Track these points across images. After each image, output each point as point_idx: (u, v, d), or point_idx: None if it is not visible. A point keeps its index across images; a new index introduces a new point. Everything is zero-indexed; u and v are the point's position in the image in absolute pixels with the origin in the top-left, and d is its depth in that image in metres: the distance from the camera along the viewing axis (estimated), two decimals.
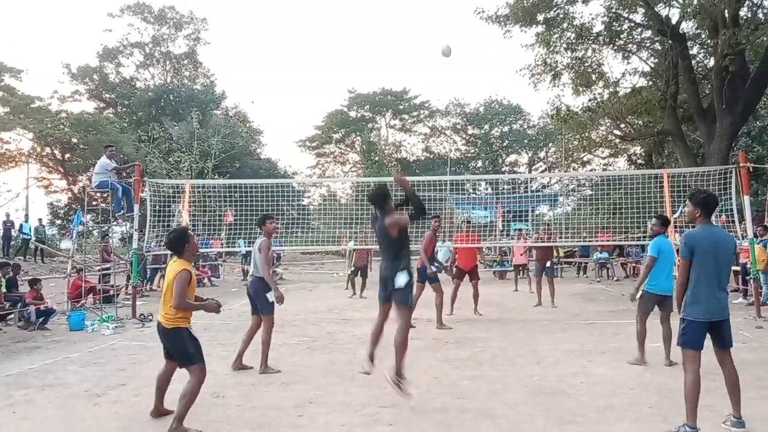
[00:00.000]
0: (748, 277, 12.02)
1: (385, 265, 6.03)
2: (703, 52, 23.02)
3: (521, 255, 18.46)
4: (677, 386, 5.26)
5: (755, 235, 11.84)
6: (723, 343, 4.91)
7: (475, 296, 11.95)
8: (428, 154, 54.48)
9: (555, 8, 20.19)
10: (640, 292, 7.26)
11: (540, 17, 20.27)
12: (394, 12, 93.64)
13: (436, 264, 10.99)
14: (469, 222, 13.98)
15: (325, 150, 55.60)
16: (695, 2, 17.22)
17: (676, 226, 12.56)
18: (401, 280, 5.84)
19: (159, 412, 5.52)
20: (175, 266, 5.26)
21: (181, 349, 5.24)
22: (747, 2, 18.88)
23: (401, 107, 53.75)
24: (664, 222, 7.59)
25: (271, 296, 7.27)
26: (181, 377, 5.35)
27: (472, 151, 53.87)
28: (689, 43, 20.86)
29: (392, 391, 5.79)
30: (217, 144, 36.75)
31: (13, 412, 5.84)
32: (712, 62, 20.60)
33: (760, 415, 5.10)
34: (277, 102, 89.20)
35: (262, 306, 7.33)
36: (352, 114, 53.98)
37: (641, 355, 7.22)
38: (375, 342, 6.10)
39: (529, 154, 53.24)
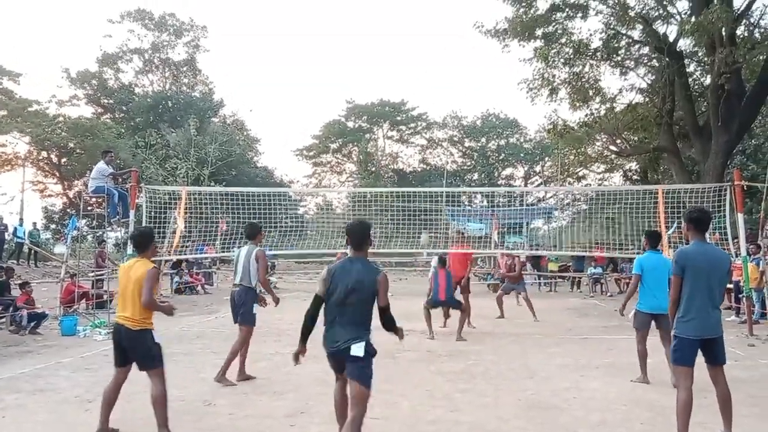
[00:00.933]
0: (740, 295, 12.05)
1: (333, 333, 4.59)
2: (699, 69, 23.23)
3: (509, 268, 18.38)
4: (669, 403, 5.27)
5: (748, 253, 11.88)
6: (715, 360, 4.91)
7: (466, 309, 11.87)
8: (425, 166, 54.59)
9: (554, 23, 20.36)
10: (633, 311, 7.14)
11: (539, 32, 20.44)
12: (393, 23, 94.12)
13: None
14: (461, 233, 13.93)
15: (322, 159, 55.65)
16: (693, 20, 17.40)
17: (670, 242, 12.61)
18: (359, 349, 4.43)
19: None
20: (139, 265, 5.14)
21: (147, 351, 5.11)
22: (744, 21, 19.08)
23: (399, 118, 53.89)
24: (650, 237, 7.39)
25: (255, 308, 7.19)
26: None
27: (469, 163, 54.02)
28: (686, 61, 21.05)
29: (383, 403, 5.78)
30: (214, 151, 36.74)
31: (3, 416, 5.81)
32: (708, 80, 20.77)
33: None
34: (275, 111, 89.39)
35: (245, 317, 7.16)
36: (350, 124, 54.09)
37: (643, 375, 7.15)
38: (344, 416, 4.67)
39: (525, 168, 53.38)
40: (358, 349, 4.40)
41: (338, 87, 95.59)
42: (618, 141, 24.02)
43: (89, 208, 15.79)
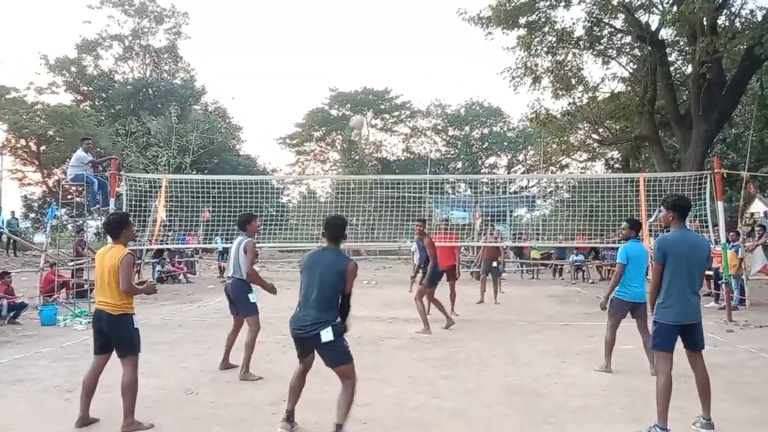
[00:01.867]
0: (720, 282, 12.21)
1: (301, 317, 4.75)
2: (681, 59, 23.38)
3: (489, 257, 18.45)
4: (649, 388, 5.33)
5: (728, 240, 12.03)
6: (694, 345, 4.96)
7: (452, 296, 11.96)
8: (408, 155, 54.56)
9: (537, 12, 20.35)
10: (609, 300, 7.10)
11: (522, 20, 20.42)
12: (376, 11, 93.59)
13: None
14: (446, 221, 14.00)
15: (305, 148, 55.40)
16: (675, 9, 17.49)
17: (651, 230, 12.73)
18: (327, 334, 4.62)
19: (85, 421, 5.14)
20: (114, 252, 5.05)
21: (126, 337, 5.07)
22: (725, 11, 19.20)
23: (382, 107, 53.75)
24: (633, 225, 7.25)
25: (252, 297, 7.10)
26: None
27: (452, 152, 54.10)
28: (668, 50, 21.17)
29: (366, 389, 5.78)
30: (196, 139, 36.43)
31: None
32: (689, 69, 20.94)
33: (728, 417, 5.18)
34: (258, 98, 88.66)
35: (245, 308, 7.09)
36: (333, 112, 53.86)
37: (607, 362, 7.08)
38: (295, 395, 4.99)
39: (509, 157, 53.60)
40: (327, 335, 4.60)
41: (321, 75, 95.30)
42: (600, 129, 24.13)
43: (69, 196, 15.61)
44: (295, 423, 5.01)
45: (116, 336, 5.07)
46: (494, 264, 14.56)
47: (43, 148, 41.14)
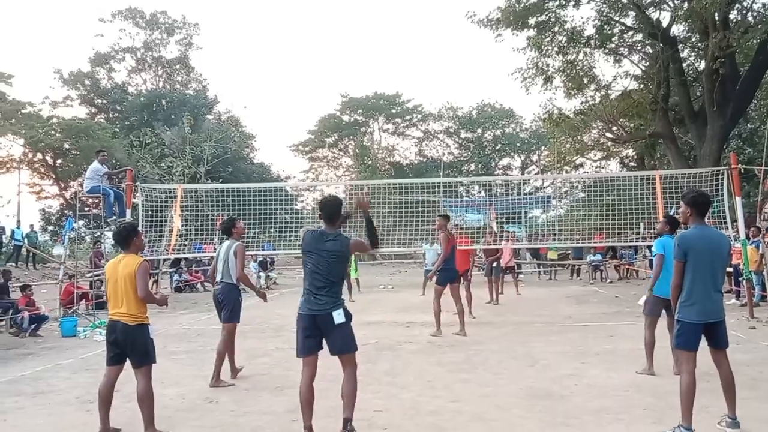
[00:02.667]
0: (740, 278, 12.07)
1: (315, 300, 4.81)
2: (693, 55, 23.20)
3: (510, 257, 18.40)
4: (671, 388, 5.26)
5: (747, 237, 11.89)
6: (718, 344, 4.88)
7: (468, 299, 11.89)
8: (421, 158, 54.53)
9: (546, 12, 20.31)
10: (643, 297, 6.94)
11: (531, 21, 20.39)
12: (385, 16, 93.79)
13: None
14: (459, 226, 13.90)
15: (318, 154, 55.56)
16: (686, 5, 17.36)
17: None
18: (340, 316, 4.77)
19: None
20: (128, 261, 5.07)
21: (144, 346, 5.06)
22: (737, 5, 19.03)
23: (394, 111, 53.77)
24: (670, 221, 7.06)
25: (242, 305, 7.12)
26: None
27: (465, 154, 53.97)
28: (680, 46, 21.02)
29: (384, 394, 5.77)
30: (210, 149, 36.65)
31: (3, 419, 5.79)
32: (702, 65, 20.77)
33: (754, 415, 5.10)
34: (270, 106, 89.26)
35: (230, 313, 6.98)
36: (345, 118, 53.98)
37: (649, 365, 6.85)
38: (309, 408, 4.88)
39: (522, 158, 53.36)
40: (338, 317, 4.74)
41: (332, 81, 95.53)
42: (614, 128, 24.00)
43: (86, 208, 15.74)
44: None
45: (133, 346, 5.05)
46: (494, 264, 15.06)
47: (59, 161, 41.54)
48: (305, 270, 4.94)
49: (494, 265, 15.07)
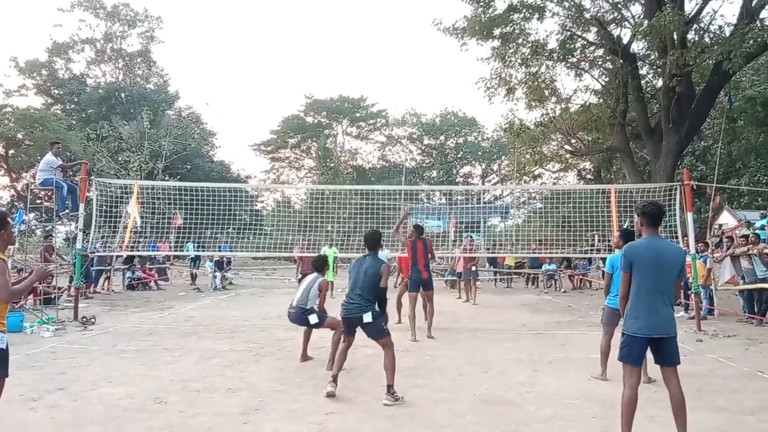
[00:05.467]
0: (689, 292, 12.39)
1: (351, 302, 6.43)
2: (652, 72, 23.83)
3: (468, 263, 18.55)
4: (620, 398, 5.35)
5: (697, 251, 12.23)
6: (665, 360, 4.75)
7: (430, 313, 11.91)
8: (384, 163, 54.72)
9: (511, 24, 20.57)
10: (601, 307, 7.15)
11: (496, 32, 20.63)
12: (352, 19, 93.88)
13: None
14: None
15: (280, 155, 55.24)
16: (646, 23, 17.82)
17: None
18: (368, 317, 6.28)
19: None
20: None
21: None
22: (695, 26, 19.62)
23: (358, 115, 53.86)
24: (622, 236, 7.19)
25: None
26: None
27: (428, 161, 54.36)
28: (639, 63, 21.57)
29: (339, 398, 5.75)
30: (169, 145, 36.07)
31: None
32: (660, 83, 21.34)
33: (698, 427, 5.18)
34: (233, 105, 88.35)
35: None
36: (309, 120, 53.81)
37: (603, 370, 7.08)
38: (340, 364, 6.50)
39: (483, 166, 54.01)
40: (367, 317, 6.30)
41: (297, 82, 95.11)
42: (573, 141, 24.46)
43: (38, 201, 15.32)
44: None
45: None
46: (472, 268, 16.25)
47: (11, 151, 40.35)
48: (349, 283, 6.71)
49: (473, 269, 16.28)
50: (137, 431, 5.17)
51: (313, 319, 7.75)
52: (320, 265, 8.28)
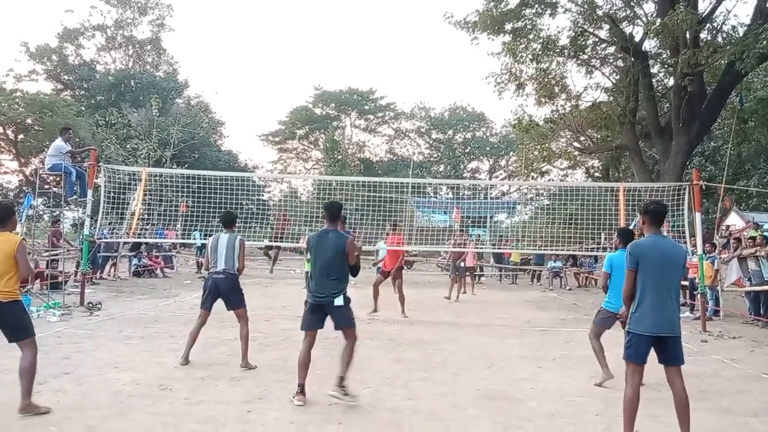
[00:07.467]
0: (696, 292, 12.36)
1: (320, 286, 5.83)
2: (663, 71, 23.67)
3: (472, 258, 18.51)
4: (622, 397, 5.34)
5: (704, 252, 12.18)
6: (670, 360, 4.71)
7: (401, 299, 12.14)
8: (391, 156, 54.68)
9: (523, 19, 20.49)
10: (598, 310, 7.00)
11: (508, 27, 20.56)
12: (364, 11, 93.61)
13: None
14: (394, 225, 13.59)
15: (287, 146, 55.25)
16: (658, 21, 17.69)
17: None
18: (339, 300, 5.80)
19: None
20: (6, 238, 5.16)
21: (20, 320, 5.21)
22: (708, 25, 19.47)
23: (367, 107, 53.76)
24: (620, 235, 7.11)
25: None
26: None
27: (435, 155, 54.28)
28: (650, 62, 21.43)
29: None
30: (177, 133, 36.14)
31: None
32: (671, 81, 21.20)
33: (701, 427, 5.17)
34: (242, 94, 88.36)
35: (241, 300, 7.44)
36: (317, 111, 53.76)
37: (605, 372, 6.74)
38: (305, 368, 5.83)
39: (491, 162, 53.90)
40: (338, 301, 5.78)
41: (306, 73, 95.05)
42: (582, 138, 24.34)
43: (46, 186, 15.39)
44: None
45: (10, 321, 5.16)
46: (462, 264, 16.15)
47: (21, 136, 40.46)
48: (312, 264, 6.02)
49: (461, 265, 16.01)
50: (142, 417, 5.20)
51: None
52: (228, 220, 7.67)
